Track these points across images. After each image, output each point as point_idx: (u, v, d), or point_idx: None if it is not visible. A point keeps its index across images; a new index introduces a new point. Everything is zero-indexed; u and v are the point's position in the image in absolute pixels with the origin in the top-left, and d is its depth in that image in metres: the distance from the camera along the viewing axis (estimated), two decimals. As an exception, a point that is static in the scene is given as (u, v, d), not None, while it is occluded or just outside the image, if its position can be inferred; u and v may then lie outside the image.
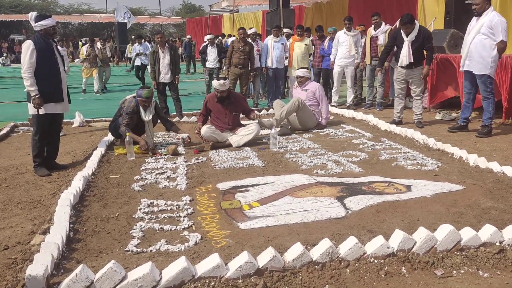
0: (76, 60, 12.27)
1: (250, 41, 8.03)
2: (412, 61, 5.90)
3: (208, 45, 9.67)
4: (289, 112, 5.89)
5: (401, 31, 6.01)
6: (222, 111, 5.44)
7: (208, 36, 9.86)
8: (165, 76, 7.11)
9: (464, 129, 5.70)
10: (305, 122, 6.04)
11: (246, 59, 7.69)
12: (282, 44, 8.38)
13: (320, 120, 6.23)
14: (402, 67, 6.07)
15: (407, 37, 5.89)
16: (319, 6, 16.11)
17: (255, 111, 5.39)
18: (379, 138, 5.50)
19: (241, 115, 5.70)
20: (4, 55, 25.20)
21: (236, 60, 7.65)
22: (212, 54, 9.52)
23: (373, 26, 7.61)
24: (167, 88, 7.32)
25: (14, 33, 36.21)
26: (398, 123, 6.26)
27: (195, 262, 2.36)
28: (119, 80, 14.69)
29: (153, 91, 5.32)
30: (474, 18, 5.33)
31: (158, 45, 7.16)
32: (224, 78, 5.45)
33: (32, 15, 4.20)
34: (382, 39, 7.45)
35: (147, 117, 5.18)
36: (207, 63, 9.63)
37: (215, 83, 5.36)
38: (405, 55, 5.91)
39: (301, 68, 6.84)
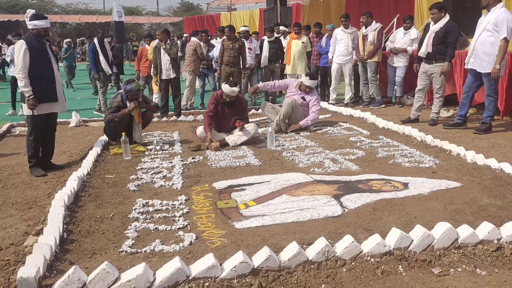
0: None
1: (243, 39, 8.00)
2: (430, 51, 5.75)
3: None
4: (286, 115, 5.85)
5: (431, 22, 5.87)
6: (226, 113, 5.39)
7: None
8: (167, 73, 7.07)
9: (460, 126, 5.66)
10: (294, 121, 5.96)
11: (237, 57, 7.61)
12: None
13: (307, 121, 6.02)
14: (424, 60, 5.90)
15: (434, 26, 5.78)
16: (316, 4, 16.06)
17: (244, 124, 5.30)
18: (377, 135, 5.48)
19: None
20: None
21: (227, 58, 7.57)
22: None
23: (364, 25, 7.55)
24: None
25: (11, 33, 36.11)
26: (414, 121, 6.09)
27: (189, 262, 2.33)
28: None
29: (139, 84, 5.33)
30: (483, 14, 5.22)
31: (160, 41, 7.11)
32: (236, 84, 5.27)
33: (29, 12, 4.17)
34: (371, 37, 7.40)
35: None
36: None
37: (226, 88, 5.20)
38: (425, 43, 5.80)
39: (307, 74, 6.29)
